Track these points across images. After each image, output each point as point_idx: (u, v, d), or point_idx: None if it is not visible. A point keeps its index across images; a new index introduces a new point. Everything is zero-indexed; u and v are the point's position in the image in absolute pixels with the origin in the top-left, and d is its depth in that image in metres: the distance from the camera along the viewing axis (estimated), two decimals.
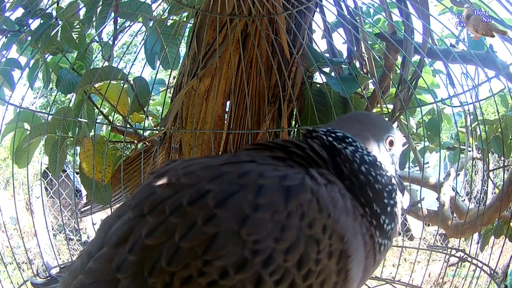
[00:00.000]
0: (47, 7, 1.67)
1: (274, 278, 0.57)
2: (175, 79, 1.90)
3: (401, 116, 1.91)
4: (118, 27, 1.63)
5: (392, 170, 0.78)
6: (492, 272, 1.33)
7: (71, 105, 1.67)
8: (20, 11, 1.62)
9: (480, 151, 2.45)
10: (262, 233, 0.57)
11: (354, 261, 0.63)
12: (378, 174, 0.71)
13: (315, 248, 0.59)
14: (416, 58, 1.68)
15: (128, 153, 2.13)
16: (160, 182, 0.66)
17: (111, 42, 1.71)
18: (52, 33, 1.59)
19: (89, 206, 1.95)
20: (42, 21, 1.64)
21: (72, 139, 1.56)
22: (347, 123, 0.80)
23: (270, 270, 0.57)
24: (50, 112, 1.49)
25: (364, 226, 0.66)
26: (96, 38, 1.72)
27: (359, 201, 0.67)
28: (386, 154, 0.79)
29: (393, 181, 0.73)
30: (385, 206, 0.69)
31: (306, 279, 0.59)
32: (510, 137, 1.98)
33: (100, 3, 1.54)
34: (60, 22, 1.60)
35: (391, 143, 0.80)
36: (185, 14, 1.72)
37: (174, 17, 1.67)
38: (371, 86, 1.87)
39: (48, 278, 0.95)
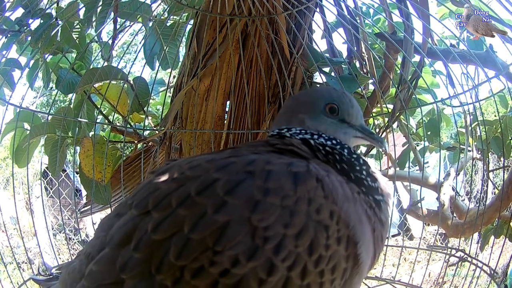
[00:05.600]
0: (47, 7, 1.67)
1: (286, 264, 0.57)
2: (175, 79, 1.90)
3: (401, 116, 1.91)
4: (118, 27, 1.62)
5: (342, 135, 0.78)
6: (492, 272, 1.33)
7: (71, 105, 1.67)
8: (20, 11, 1.62)
9: (480, 152, 2.45)
10: (272, 218, 0.57)
11: (363, 247, 0.64)
12: (338, 151, 0.73)
13: (324, 234, 0.59)
14: (416, 58, 1.68)
15: (128, 153, 2.13)
16: (163, 179, 0.65)
17: (111, 42, 1.70)
18: (52, 33, 1.59)
19: (89, 206, 1.95)
20: (42, 21, 1.64)
21: (72, 139, 1.56)
22: (287, 115, 0.81)
23: (282, 256, 0.57)
24: (50, 112, 1.49)
25: (363, 202, 0.68)
26: (96, 38, 1.72)
27: (350, 180, 0.70)
28: (333, 123, 0.78)
29: (351, 149, 0.75)
30: (361, 171, 0.72)
31: (317, 265, 0.59)
32: (510, 138, 1.98)
33: (100, 3, 1.54)
34: (60, 22, 1.60)
35: (333, 110, 0.78)
36: (185, 14, 1.72)
37: (174, 17, 1.67)
38: (371, 86, 1.87)
39: (50, 276, 0.96)
